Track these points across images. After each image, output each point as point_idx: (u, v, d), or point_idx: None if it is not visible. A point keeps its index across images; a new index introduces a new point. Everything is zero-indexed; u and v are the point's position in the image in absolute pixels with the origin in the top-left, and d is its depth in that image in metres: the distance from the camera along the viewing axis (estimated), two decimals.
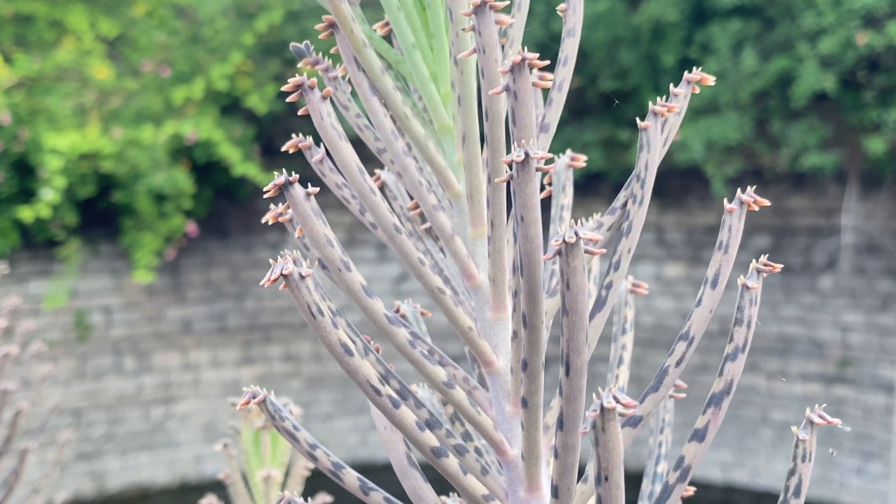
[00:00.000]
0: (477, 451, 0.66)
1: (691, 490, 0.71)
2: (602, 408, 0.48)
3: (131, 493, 6.97)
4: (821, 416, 0.57)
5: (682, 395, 0.73)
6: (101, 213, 7.05)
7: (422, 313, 0.74)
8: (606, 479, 0.49)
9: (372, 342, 0.66)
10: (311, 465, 1.24)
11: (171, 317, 7.42)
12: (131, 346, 7.27)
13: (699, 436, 0.59)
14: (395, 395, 0.57)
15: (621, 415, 0.48)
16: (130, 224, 6.96)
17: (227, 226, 7.61)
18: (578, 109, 7.31)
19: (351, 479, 0.63)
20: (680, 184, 7.29)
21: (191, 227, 7.28)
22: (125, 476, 7.05)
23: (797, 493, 0.57)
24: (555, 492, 0.55)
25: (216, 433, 7.17)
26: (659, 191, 7.37)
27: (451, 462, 0.58)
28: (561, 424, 0.54)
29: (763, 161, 6.86)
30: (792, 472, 0.58)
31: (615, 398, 0.48)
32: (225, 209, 7.56)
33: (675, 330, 7.15)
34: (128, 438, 7.16)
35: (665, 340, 7.26)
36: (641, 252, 7.46)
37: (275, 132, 7.35)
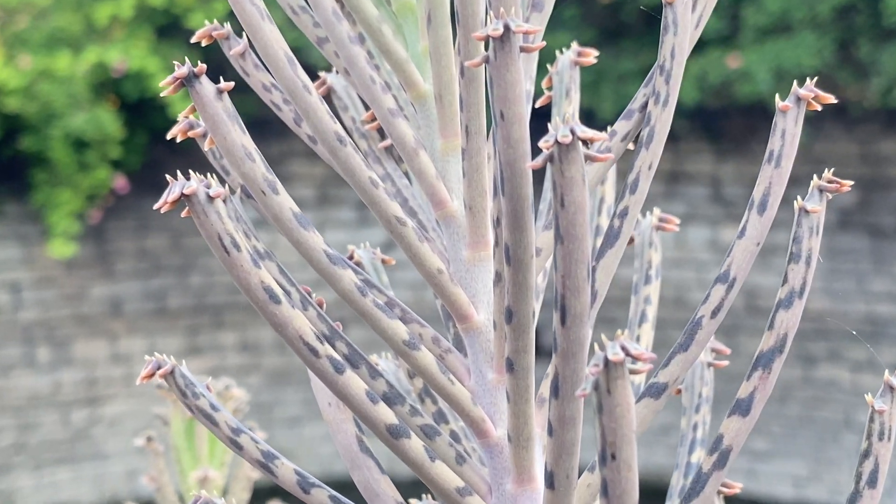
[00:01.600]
0: (453, 435, 0.64)
1: (736, 487, 0.69)
2: (606, 362, 0.45)
3: None
4: None
5: (725, 363, 0.70)
6: (4, 164, 7.03)
7: (382, 261, 0.71)
8: (613, 457, 0.46)
9: (314, 294, 0.63)
10: None
11: (95, 296, 7.41)
12: (46, 332, 7.26)
13: (742, 408, 0.57)
14: (338, 358, 0.55)
15: (633, 371, 0.46)
16: (43, 178, 6.93)
17: (167, 181, 7.58)
18: (612, 30, 7.26)
19: (287, 472, 0.61)
20: (741, 124, 7.25)
21: (120, 183, 7.25)
22: (39, 496, 7.07)
23: (872, 483, 0.55)
24: (549, 480, 0.53)
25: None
26: (714, 133, 7.33)
27: (414, 444, 0.56)
28: (556, 390, 0.51)
29: (847, 94, 6.82)
30: (866, 455, 0.55)
31: (623, 349, 0.45)
32: (163, 159, 7.52)
33: (734, 311, 7.15)
34: (43, 449, 7.17)
35: (725, 325, 7.25)
36: (692, 211, 7.44)
37: (225, 61, 7.29)
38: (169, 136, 0.67)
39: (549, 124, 0.49)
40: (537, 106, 0.70)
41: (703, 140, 7.46)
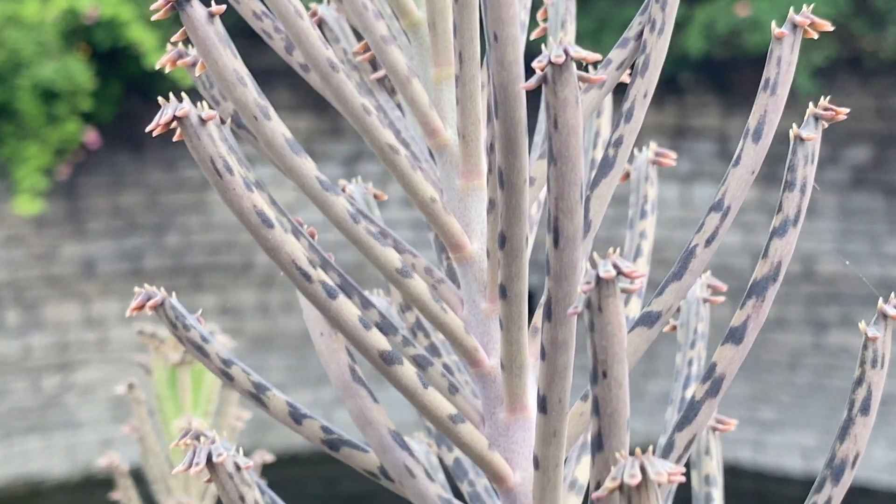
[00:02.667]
0: (445, 367, 0.67)
1: (730, 423, 0.72)
2: (598, 279, 0.48)
3: (17, 489, 7.04)
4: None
5: (721, 299, 0.74)
6: None
7: (375, 196, 0.74)
8: (605, 374, 0.50)
9: (305, 226, 0.66)
10: (245, 416, 1.26)
11: (67, 256, 7.43)
12: (14, 294, 7.29)
13: (736, 337, 0.60)
14: (330, 283, 0.58)
15: (624, 290, 0.49)
16: (9, 131, 6.93)
17: (141, 134, 7.58)
18: None
19: (278, 404, 0.65)
20: (750, 77, 7.26)
21: (91, 136, 7.25)
22: (9, 467, 7.11)
23: (865, 410, 0.58)
24: (542, 405, 0.56)
25: (129, 410, 7.23)
26: (722, 86, 7.35)
27: (407, 371, 0.59)
28: (549, 313, 0.54)
29: (863, 45, 6.84)
30: (859, 382, 0.59)
31: (615, 266, 0.48)
32: (137, 112, 7.53)
33: (742, 272, 7.19)
34: (11, 417, 7.21)
35: (731, 286, 7.29)
36: (698, 168, 7.47)
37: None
38: (157, 66, 0.69)
39: (543, 46, 0.52)
40: (532, 38, 0.73)
41: (710, 93, 7.48)
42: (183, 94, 0.57)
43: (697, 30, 6.84)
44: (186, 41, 0.61)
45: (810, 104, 0.60)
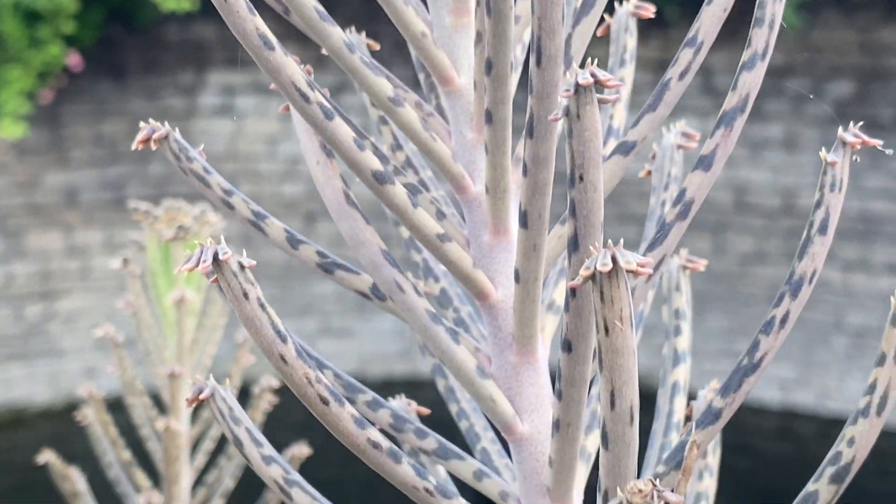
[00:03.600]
0: (434, 200, 0.72)
1: (700, 263, 0.77)
2: (577, 86, 0.52)
3: (1, 416, 7.10)
4: (856, 135, 0.63)
5: (693, 145, 0.78)
6: None
7: (368, 46, 0.78)
8: (581, 178, 0.54)
9: (305, 65, 0.70)
10: None
11: (50, 184, 7.44)
12: None
13: (705, 164, 0.65)
14: (327, 105, 0.62)
15: (602, 101, 0.53)
16: None
17: (124, 61, 7.57)
18: None
19: (276, 231, 0.69)
20: (736, 9, 7.27)
21: (74, 60, 7.23)
22: None
23: (823, 230, 0.63)
24: (523, 219, 0.61)
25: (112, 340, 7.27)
26: None
27: (398, 191, 0.63)
28: (531, 130, 0.59)
29: None
30: (818, 204, 0.63)
31: (593, 75, 0.52)
32: (120, 38, 7.51)
33: (723, 207, 7.25)
34: None
35: (712, 221, 7.36)
36: (681, 103, 7.48)
37: None
38: None
39: None
40: None
41: None
42: None
43: None
44: None
45: None
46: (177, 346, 1.22)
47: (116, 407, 1.57)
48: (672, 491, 0.56)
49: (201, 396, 0.67)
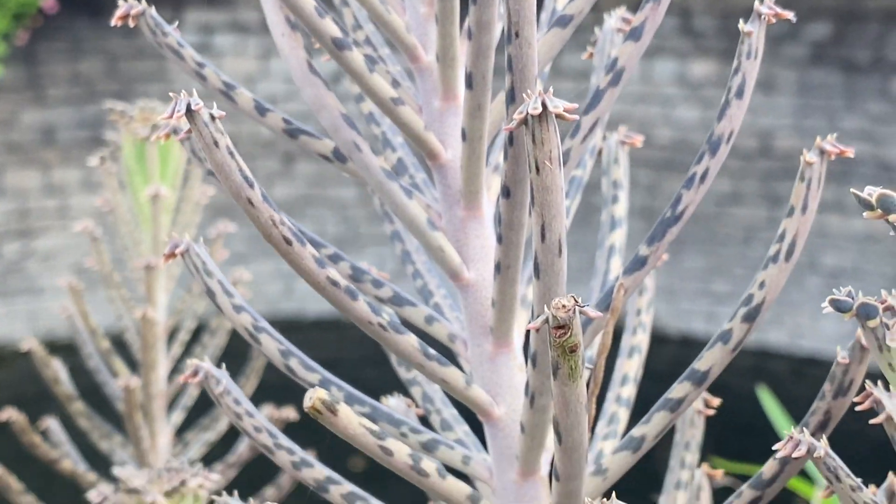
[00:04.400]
0: (390, 72, 0.78)
1: (637, 139, 0.84)
2: None
3: None
4: (770, 8, 0.69)
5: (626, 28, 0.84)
6: None
7: None
8: (517, 35, 0.61)
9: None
10: (211, 192, 1.36)
11: (26, 122, 7.45)
12: None
13: (635, 35, 0.71)
14: None
15: None
16: None
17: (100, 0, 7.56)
18: None
19: (245, 100, 0.76)
20: None
21: (49, 2, 7.23)
22: None
23: (740, 94, 0.70)
24: (468, 81, 0.68)
25: (91, 277, 7.32)
26: None
27: (356, 56, 0.70)
28: None
29: None
30: (736, 71, 0.70)
31: None
32: None
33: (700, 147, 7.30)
34: None
35: (688, 161, 7.43)
36: (659, 44, 7.53)
37: None
38: None
39: None
40: None
41: None
42: None
43: None
44: None
45: None
46: (152, 241, 1.28)
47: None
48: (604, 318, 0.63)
49: (177, 251, 0.73)
